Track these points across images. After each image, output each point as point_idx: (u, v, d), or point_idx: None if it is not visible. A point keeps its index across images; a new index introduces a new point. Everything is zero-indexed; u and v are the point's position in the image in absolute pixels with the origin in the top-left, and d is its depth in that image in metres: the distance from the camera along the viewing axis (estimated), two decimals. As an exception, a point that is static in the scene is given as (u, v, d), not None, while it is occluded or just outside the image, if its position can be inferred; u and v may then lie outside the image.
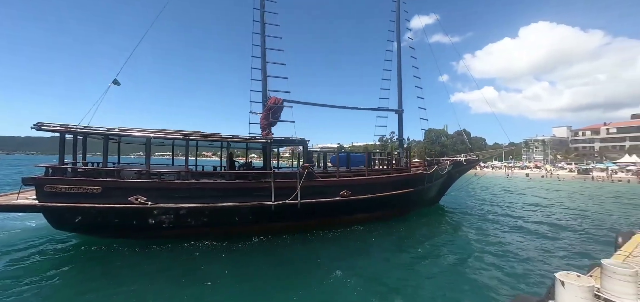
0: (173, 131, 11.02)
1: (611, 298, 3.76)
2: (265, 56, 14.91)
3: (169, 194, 10.08)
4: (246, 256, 9.38)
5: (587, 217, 17.26)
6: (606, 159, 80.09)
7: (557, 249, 10.65)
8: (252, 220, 11.08)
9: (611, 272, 3.82)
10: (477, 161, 24.50)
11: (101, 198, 9.43)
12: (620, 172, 59.89)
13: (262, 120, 14.17)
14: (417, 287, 7.37)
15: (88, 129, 10.14)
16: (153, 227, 10.11)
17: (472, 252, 10.18)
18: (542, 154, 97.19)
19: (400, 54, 19.86)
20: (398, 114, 19.45)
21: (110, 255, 9.07)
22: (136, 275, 7.70)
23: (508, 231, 13.43)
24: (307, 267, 8.53)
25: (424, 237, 12.03)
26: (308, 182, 11.66)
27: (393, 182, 14.26)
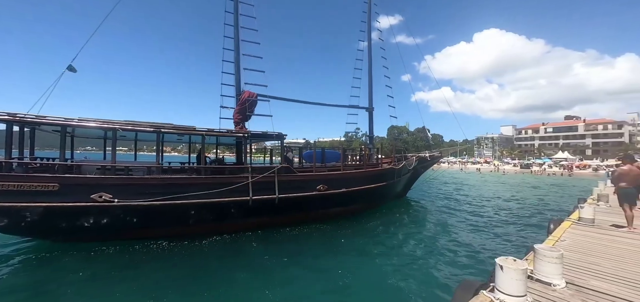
0: (142, 123, 10.01)
1: (541, 278, 4.18)
2: (239, 48, 14.29)
3: (139, 191, 9.20)
4: (218, 253, 8.99)
5: (527, 207, 19.16)
6: (544, 155, 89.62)
7: (501, 237, 11.64)
8: (229, 217, 10.63)
9: (542, 256, 4.25)
10: (440, 156, 26.11)
11: (58, 196, 8.37)
12: (555, 166, 67.45)
13: (236, 114, 13.67)
14: (372, 278, 7.58)
15: (42, 119, 8.89)
16: (120, 228, 9.28)
17: (429, 242, 10.75)
18: (492, 150, 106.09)
19: (371, 53, 20.28)
20: (369, 111, 19.95)
21: (70, 261, 8.01)
22: (105, 283, 6.90)
23: (460, 221, 14.40)
24: (270, 265, 8.34)
25: (388, 229, 12.42)
26: (286, 177, 11.48)
27: (366, 177, 14.56)
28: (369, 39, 20.47)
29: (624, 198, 7.63)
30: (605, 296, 3.93)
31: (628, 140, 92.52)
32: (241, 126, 13.48)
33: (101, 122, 9.56)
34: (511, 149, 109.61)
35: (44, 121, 8.99)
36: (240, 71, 14.37)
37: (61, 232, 8.87)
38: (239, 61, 14.34)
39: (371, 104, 19.95)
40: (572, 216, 9.25)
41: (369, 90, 20.09)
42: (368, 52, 20.36)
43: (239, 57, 14.34)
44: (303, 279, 7.38)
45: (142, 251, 8.97)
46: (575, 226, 7.88)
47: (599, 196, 12.15)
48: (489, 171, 67.48)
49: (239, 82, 14.41)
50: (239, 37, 14.39)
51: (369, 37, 20.47)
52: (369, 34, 20.48)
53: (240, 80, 14.38)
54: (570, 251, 5.71)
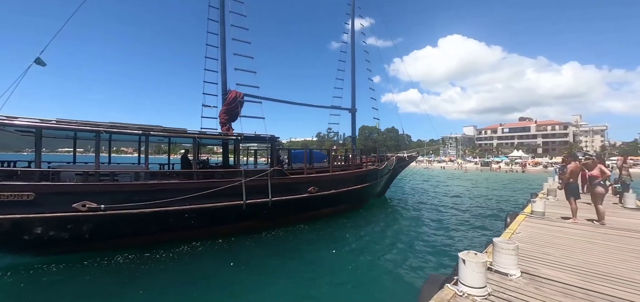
0: (129, 125, 9.28)
1: (499, 269, 4.43)
2: (224, 46, 13.56)
3: (127, 198, 8.54)
4: (206, 259, 8.58)
5: (487, 202, 20.47)
6: (501, 154, 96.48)
7: (464, 231, 12.32)
8: (222, 221, 10.17)
9: (499, 248, 4.50)
10: (417, 156, 27.09)
11: (35, 207, 7.52)
12: (511, 164, 72.84)
13: (222, 115, 13.05)
14: (344, 277, 7.60)
15: (12, 120, 7.73)
16: (106, 237, 8.57)
17: (399, 239, 11.06)
18: (455, 149, 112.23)
19: (354, 54, 20.31)
20: (351, 113, 20.04)
21: (57, 276, 7.15)
22: (101, 298, 6.32)
23: (428, 217, 15.03)
24: (262, 267, 8.16)
25: (362, 228, 12.55)
26: (278, 180, 11.27)
27: (352, 178, 14.67)
28: (353, 40, 20.45)
29: (569, 192, 8.39)
30: (555, 282, 4.24)
31: (572, 140, 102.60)
32: (228, 127, 12.96)
33: (85, 125, 8.62)
34: (473, 148, 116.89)
35: (19, 123, 7.89)
36: (226, 69, 13.68)
37: (42, 245, 7.89)
38: (225, 59, 13.66)
39: (354, 105, 20.08)
40: (525, 210, 9.96)
41: (352, 91, 20.19)
42: (351, 53, 20.36)
43: (224, 54, 13.64)
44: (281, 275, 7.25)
45: (134, 260, 8.21)
46: (529, 219, 8.49)
47: (549, 191, 13.23)
48: (453, 169, 71.29)
49: (225, 81, 13.72)
50: (224, 33, 13.68)
51: (353, 39, 20.43)
52: (352, 35, 20.43)
53: (226, 79, 13.72)
54: (524, 243, 6.13)
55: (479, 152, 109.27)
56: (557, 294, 3.87)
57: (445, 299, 3.68)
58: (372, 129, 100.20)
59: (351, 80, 20.27)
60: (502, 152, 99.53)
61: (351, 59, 20.38)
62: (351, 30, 20.59)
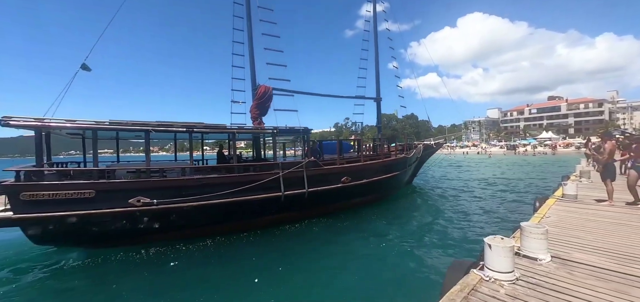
0: (174, 123, 9.77)
1: (528, 254, 4.33)
2: (251, 42, 13.84)
3: (176, 193, 8.99)
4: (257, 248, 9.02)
5: (514, 187, 19.69)
6: (529, 136, 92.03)
7: (490, 216, 11.98)
8: (262, 213, 10.56)
9: (528, 232, 4.38)
10: (444, 142, 26.57)
11: (95, 203, 8.07)
12: (540, 146, 69.42)
13: (253, 109, 13.42)
14: (369, 263, 7.69)
15: (72, 123, 8.38)
16: (160, 230, 9.12)
17: (424, 225, 11.01)
18: (479, 133, 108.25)
19: (377, 42, 19.90)
20: (376, 102, 19.82)
21: (114, 267, 7.65)
22: (167, 285, 6.67)
23: (452, 203, 14.77)
24: (301, 253, 8.64)
25: (389, 216, 12.59)
26: (313, 171, 11.58)
27: (383, 167, 14.68)
28: (375, 27, 19.98)
29: (606, 173, 7.93)
30: (588, 266, 4.09)
31: (608, 118, 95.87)
32: (259, 121, 13.30)
33: (133, 124, 9.17)
34: (498, 131, 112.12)
35: (77, 125, 8.56)
36: (254, 65, 13.96)
37: (101, 239, 8.58)
38: (253, 55, 13.92)
39: (379, 94, 19.83)
40: (556, 193, 9.55)
41: (376, 80, 19.87)
42: (374, 40, 19.90)
43: (252, 50, 13.91)
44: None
45: (186, 252, 8.71)
46: (560, 203, 8.15)
47: (581, 173, 12.57)
48: (476, 154, 68.94)
49: (254, 77, 14.02)
50: (251, 29, 13.89)
51: (375, 25, 19.96)
52: (374, 22, 19.94)
53: (255, 75, 14.00)
54: (554, 227, 5.91)
55: (504, 135, 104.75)
56: (591, 278, 3.75)
57: (470, 284, 3.66)
58: (390, 116, 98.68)
59: (375, 68, 19.88)
60: (530, 134, 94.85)
61: (374, 47, 19.92)
62: (373, 17, 20.05)
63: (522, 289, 3.51)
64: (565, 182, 9.26)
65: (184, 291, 6.38)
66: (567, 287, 3.52)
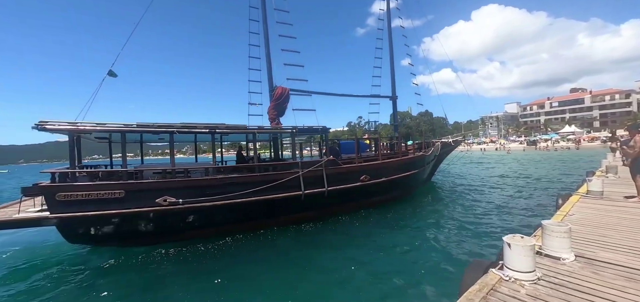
0: (197, 125, 10.06)
1: (550, 253, 4.17)
2: (268, 44, 14.10)
3: (201, 192, 9.28)
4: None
5: (535, 184, 19.03)
6: (550, 130, 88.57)
7: (510, 214, 11.61)
8: (283, 211, 10.79)
9: (549, 231, 4.23)
10: (463, 140, 26.05)
11: (125, 203, 8.45)
12: (562, 141, 66.70)
13: (271, 110, 13.68)
14: (385, 263, 7.59)
15: (102, 126, 8.82)
16: (184, 229, 9.43)
17: (441, 224, 10.81)
18: (497, 129, 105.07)
19: (391, 40, 19.77)
20: (392, 100, 19.70)
21: (148, 265, 7.93)
22: (195, 283, 6.89)
23: (471, 202, 14.41)
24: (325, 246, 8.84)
25: (406, 215, 12.47)
26: (332, 170, 11.64)
27: (401, 165, 14.61)
28: (389, 25, 19.81)
29: (636, 169, 7.51)
30: (616, 266, 3.90)
31: (637, 109, 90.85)
32: (277, 122, 13.51)
33: (160, 126, 9.53)
34: (517, 126, 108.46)
35: (106, 128, 8.95)
36: (271, 66, 14.19)
37: (130, 237, 8.93)
38: (270, 56, 14.15)
39: (394, 92, 19.68)
40: (580, 190, 9.16)
41: (392, 78, 19.74)
42: (388, 39, 19.78)
43: (269, 52, 14.14)
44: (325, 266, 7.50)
45: (212, 250, 8.94)
46: (584, 200, 7.81)
47: (608, 168, 11.99)
48: (494, 150, 66.99)
49: (270, 78, 14.25)
50: (267, 32, 14.13)
51: (389, 23, 19.79)
52: (388, 20, 19.76)
53: (272, 76, 14.23)
54: (579, 225, 5.67)
55: (524, 130, 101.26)
56: (619, 279, 3.57)
57: (489, 283, 3.57)
58: (404, 114, 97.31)
59: (390, 66, 19.74)
60: (551, 129, 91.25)
61: (388, 44, 19.75)
62: (387, 14, 19.86)
63: (544, 289, 3.39)
64: (590, 178, 8.86)
65: (209, 290, 6.52)
66: (592, 288, 3.37)
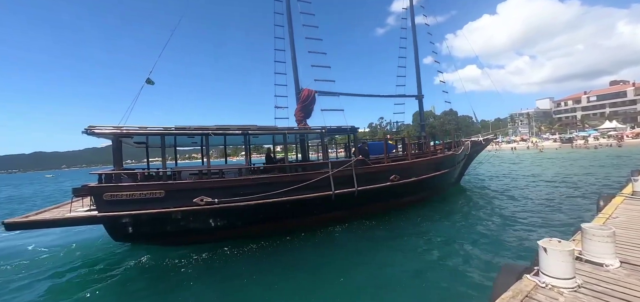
0: (231, 126, 10.38)
1: (591, 259, 3.92)
2: (293, 47, 14.41)
3: (235, 192, 9.51)
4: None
5: (571, 184, 17.83)
6: (588, 127, 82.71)
7: (544, 217, 10.96)
8: (314, 211, 10.88)
9: (591, 235, 3.97)
10: (495, 138, 25.00)
11: (165, 202, 8.83)
12: (602, 138, 62.07)
13: (298, 112, 13.95)
14: (413, 264, 7.48)
15: (144, 130, 9.31)
16: (221, 228, 9.69)
17: (471, 227, 10.45)
18: (528, 127, 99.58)
19: (415, 38, 19.42)
20: (418, 99, 19.43)
21: (181, 265, 8.23)
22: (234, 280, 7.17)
23: (502, 204, 13.80)
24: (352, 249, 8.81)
25: (434, 216, 12.21)
26: (362, 170, 11.64)
27: (431, 165, 14.39)
28: (413, 23, 19.47)
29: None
30: (667, 274, 3.61)
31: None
32: (304, 124, 13.72)
33: (195, 129, 9.97)
34: (550, 123, 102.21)
35: (147, 132, 9.45)
36: (297, 69, 14.48)
37: (170, 236, 9.29)
38: (296, 59, 14.46)
39: (420, 91, 19.37)
40: (624, 190, 8.53)
41: (417, 77, 19.41)
42: (413, 37, 19.42)
43: (294, 55, 14.44)
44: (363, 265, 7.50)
45: (232, 252, 9.14)
46: (629, 201, 7.26)
47: (656, 166, 11.04)
48: (525, 149, 63.58)
49: (297, 80, 14.50)
50: (293, 35, 14.47)
51: (413, 21, 19.46)
52: (412, 18, 19.41)
53: (298, 78, 14.52)
54: (624, 228, 5.29)
55: (558, 127, 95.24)
56: (672, 287, 3.29)
57: (524, 290, 3.42)
58: (427, 113, 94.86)
59: (415, 64, 19.37)
60: (589, 125, 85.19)
61: (413, 42, 19.37)
62: (410, 11, 19.48)
63: (586, 297, 3.20)
64: (637, 178, 8.19)
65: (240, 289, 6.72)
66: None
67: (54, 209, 9.92)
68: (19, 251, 9.83)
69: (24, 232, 10.78)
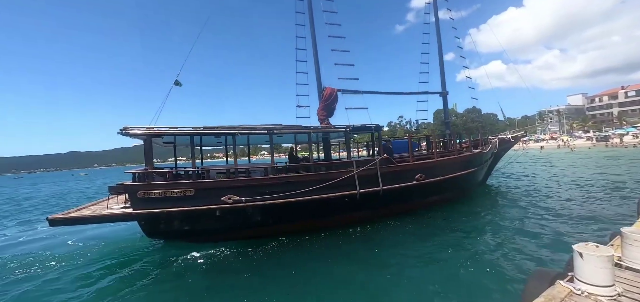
0: (257, 126, 10.63)
1: (633, 266, 3.69)
2: (315, 45, 14.48)
3: (261, 191, 9.68)
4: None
5: (608, 185, 16.76)
6: (625, 124, 77.22)
7: (579, 220, 10.38)
8: (339, 211, 10.84)
9: (632, 240, 3.74)
10: (524, 135, 23.95)
11: (195, 200, 9.11)
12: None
13: (321, 111, 13.97)
14: (442, 267, 7.34)
15: (174, 130, 9.69)
16: (245, 226, 9.89)
17: (499, 229, 10.12)
18: (558, 124, 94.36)
19: (439, 33, 18.96)
20: (442, 96, 18.93)
21: (220, 262, 8.40)
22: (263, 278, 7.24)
23: (532, 205, 13.19)
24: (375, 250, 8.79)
25: (460, 217, 11.84)
26: (387, 169, 11.51)
27: (457, 164, 14.02)
28: (437, 18, 19.03)
29: None
30: None
31: None
32: (326, 122, 13.71)
33: (222, 128, 10.19)
34: (583, 120, 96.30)
35: (177, 132, 9.81)
36: (319, 68, 14.55)
37: (199, 233, 9.57)
38: (317, 58, 14.53)
39: (444, 88, 18.84)
40: (669, 193, 7.91)
41: (441, 73, 18.93)
42: (436, 32, 18.95)
43: (316, 54, 14.51)
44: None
45: (277, 247, 9.38)
46: (675, 204, 6.73)
47: None
48: (555, 148, 60.34)
49: (319, 79, 14.50)
50: (314, 34, 14.53)
51: (436, 16, 19.03)
52: (436, 12, 18.97)
53: (320, 77, 14.56)
54: (669, 234, 4.92)
55: (592, 125, 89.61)
56: None
57: (557, 296, 3.29)
58: (449, 111, 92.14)
59: (439, 60, 18.87)
60: (627, 122, 79.47)
61: (437, 38, 18.88)
62: (434, 5, 18.98)
63: (627, 306, 3.03)
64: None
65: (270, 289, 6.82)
66: (690, 308, 2.93)
67: (91, 205, 10.53)
68: (60, 244, 10.59)
69: (65, 227, 11.45)
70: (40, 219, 16.24)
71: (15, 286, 7.40)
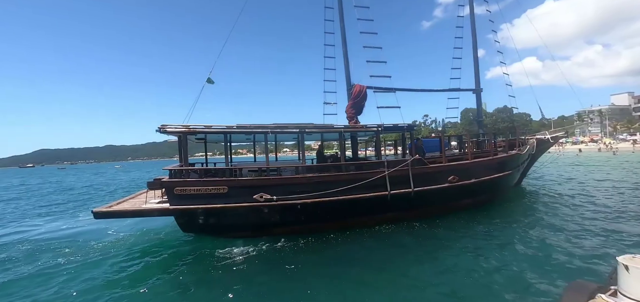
0: (289, 125, 10.73)
1: (687, 284, 3.39)
2: (345, 42, 14.25)
3: (292, 190, 9.78)
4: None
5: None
6: (680, 126, 70.18)
7: (622, 230, 9.63)
8: (369, 211, 10.76)
9: (685, 256, 3.44)
10: (565, 134, 22.72)
11: (228, 198, 9.33)
12: (699, 139, 52.31)
13: (349, 109, 13.75)
14: (473, 276, 7.04)
15: (209, 128, 9.90)
16: (278, 224, 9.98)
17: (538, 235, 9.65)
18: (599, 125, 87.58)
19: (474, 28, 18.07)
20: (476, 93, 18.11)
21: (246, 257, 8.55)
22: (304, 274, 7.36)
23: (571, 211, 12.45)
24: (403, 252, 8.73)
25: (491, 222, 11.35)
26: (418, 170, 11.25)
27: (492, 165, 13.51)
28: (472, 10, 18.12)
29: None
30: None
31: None
32: (355, 121, 13.56)
33: (256, 127, 10.35)
34: (629, 122, 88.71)
35: (211, 130, 9.98)
36: (348, 65, 14.34)
37: (232, 229, 9.80)
38: (347, 55, 14.31)
39: (478, 85, 17.95)
40: None
41: (475, 69, 18.06)
42: (471, 26, 18.02)
43: (346, 51, 14.25)
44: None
45: (306, 245, 9.41)
46: None
47: None
48: (596, 151, 56.04)
49: (348, 77, 14.34)
50: (344, 30, 14.25)
51: (472, 8, 18.13)
52: (471, 3, 18.12)
53: (349, 74, 14.34)
54: None
55: (639, 126, 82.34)
56: None
57: (598, 312, 3.09)
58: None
59: (473, 56, 18.05)
60: (681, 124, 72.16)
61: (472, 33, 18.00)
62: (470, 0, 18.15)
63: (679, 327, 2.80)
64: None
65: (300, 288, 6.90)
66: None
67: (130, 199, 11.13)
68: (101, 234, 11.25)
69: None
70: (85, 208, 17.70)
71: (66, 267, 8.08)
